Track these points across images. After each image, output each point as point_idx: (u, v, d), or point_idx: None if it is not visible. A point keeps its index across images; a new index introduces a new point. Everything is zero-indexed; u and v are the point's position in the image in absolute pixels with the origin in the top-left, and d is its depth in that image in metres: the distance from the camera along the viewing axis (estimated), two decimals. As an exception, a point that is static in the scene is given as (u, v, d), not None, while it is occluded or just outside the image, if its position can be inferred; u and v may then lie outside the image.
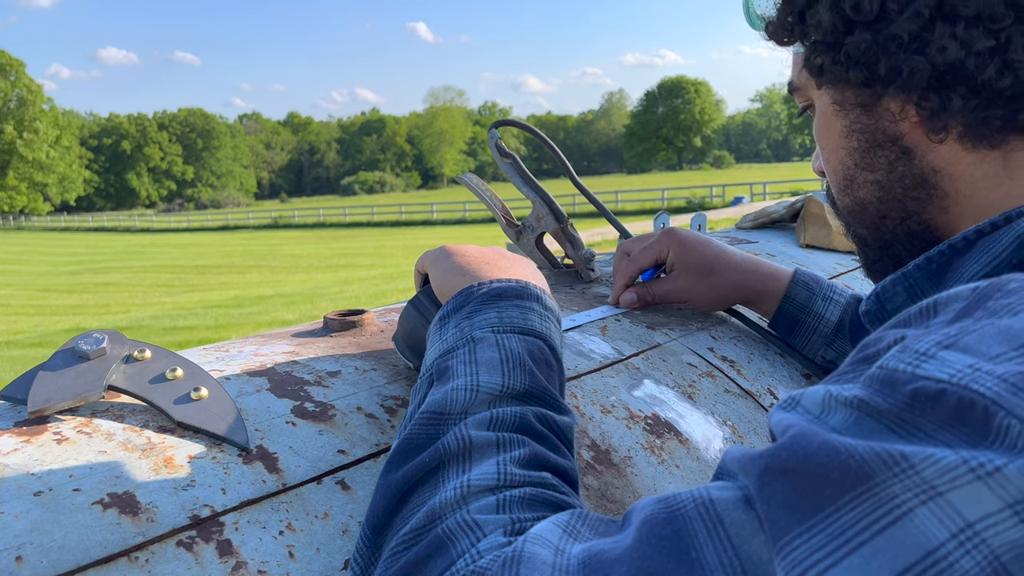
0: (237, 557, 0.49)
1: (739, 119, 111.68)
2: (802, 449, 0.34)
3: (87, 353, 0.59)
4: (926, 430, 0.33)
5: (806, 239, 1.47)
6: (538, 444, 0.52)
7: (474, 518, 0.45)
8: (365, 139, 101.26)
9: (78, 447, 0.53)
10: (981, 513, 0.30)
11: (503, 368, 0.56)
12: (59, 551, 0.45)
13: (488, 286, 0.63)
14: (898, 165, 0.60)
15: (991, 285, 0.38)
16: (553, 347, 0.60)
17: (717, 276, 0.93)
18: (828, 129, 0.65)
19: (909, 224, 0.62)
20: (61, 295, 14.88)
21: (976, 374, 0.33)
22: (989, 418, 0.31)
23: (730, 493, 0.37)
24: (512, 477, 0.49)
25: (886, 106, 0.58)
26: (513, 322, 0.60)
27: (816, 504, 0.32)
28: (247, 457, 0.56)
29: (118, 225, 47.77)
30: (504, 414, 0.53)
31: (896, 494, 0.31)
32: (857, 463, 0.32)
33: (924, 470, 0.31)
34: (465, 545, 0.44)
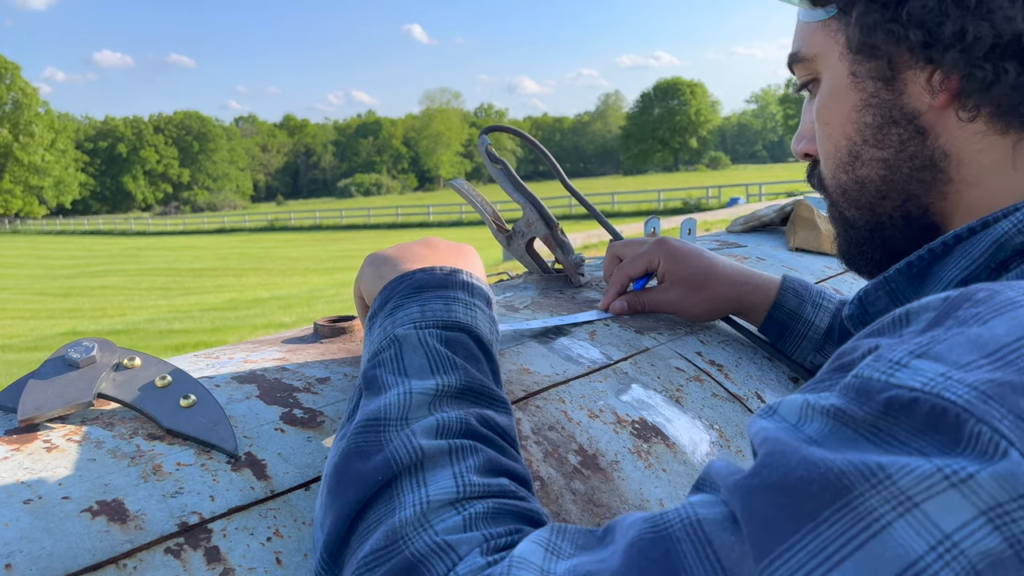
0: (225, 564, 0.50)
1: (734, 120, 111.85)
2: (781, 466, 0.35)
3: (77, 361, 0.60)
4: (900, 438, 0.34)
5: (796, 242, 1.48)
6: (488, 448, 0.52)
7: (445, 539, 0.45)
8: (361, 141, 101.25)
9: (68, 455, 0.54)
10: (957, 523, 0.30)
11: (431, 368, 0.55)
12: (48, 559, 0.45)
13: (410, 278, 0.63)
14: (910, 145, 0.59)
15: (960, 295, 0.39)
16: (480, 338, 0.60)
17: (708, 289, 0.93)
18: (838, 103, 0.63)
19: (908, 207, 0.62)
20: (57, 299, 14.86)
21: (948, 382, 0.34)
22: (960, 425, 0.32)
23: (715, 511, 0.37)
24: (471, 488, 0.48)
25: (914, 79, 0.57)
26: (436, 316, 0.59)
27: (796, 521, 0.33)
28: (236, 464, 0.57)
29: (114, 228, 47.69)
30: (449, 420, 0.52)
31: (874, 507, 0.32)
32: (835, 476, 0.33)
33: (900, 480, 0.32)
34: (441, 570, 0.43)
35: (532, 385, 0.77)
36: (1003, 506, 0.30)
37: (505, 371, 0.78)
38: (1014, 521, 0.30)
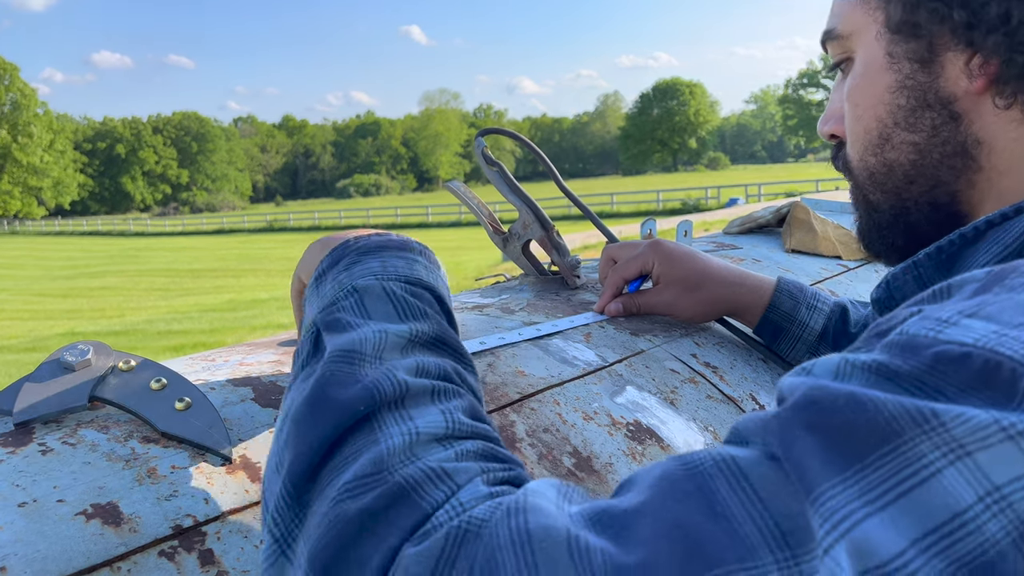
0: (219, 566, 0.50)
1: (734, 121, 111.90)
2: (828, 404, 0.33)
3: (72, 364, 0.60)
4: (947, 393, 0.33)
5: (792, 244, 1.48)
6: (469, 396, 0.49)
7: (442, 466, 0.41)
8: (360, 142, 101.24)
9: (62, 458, 0.54)
10: (1009, 476, 0.29)
11: (399, 315, 0.51)
12: (43, 561, 0.46)
13: (366, 240, 0.59)
14: (942, 130, 0.59)
15: (1005, 267, 0.39)
16: (443, 300, 0.56)
17: (703, 291, 0.94)
18: (871, 83, 0.62)
19: (936, 193, 0.61)
20: (56, 299, 14.85)
21: (1002, 338, 0.33)
22: (1016, 380, 0.31)
23: (750, 452, 0.35)
24: (460, 427, 0.45)
25: (952, 62, 0.57)
26: (398, 271, 0.55)
27: (846, 459, 0.32)
28: (230, 467, 0.57)
29: (113, 229, 47.66)
30: (428, 364, 0.48)
31: (924, 453, 0.31)
32: (885, 420, 0.32)
33: (954, 428, 0.31)
34: (438, 497, 0.40)
35: (527, 387, 0.77)
36: None
37: (499, 373, 0.78)
38: None
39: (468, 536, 0.36)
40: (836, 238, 1.52)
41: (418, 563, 0.36)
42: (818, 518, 0.31)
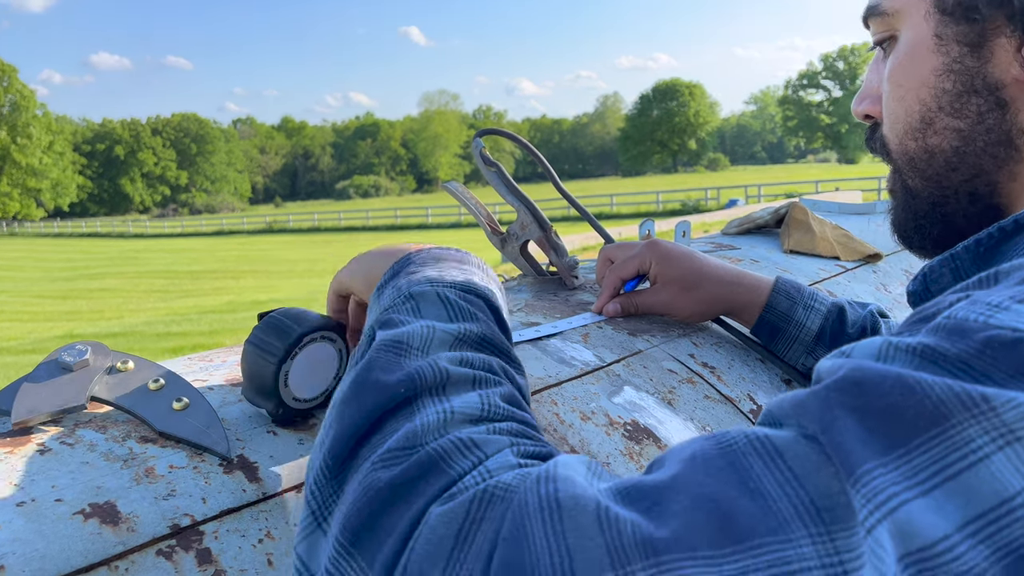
0: (216, 565, 0.50)
1: (733, 121, 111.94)
2: (874, 386, 0.33)
3: (70, 365, 0.60)
4: (995, 378, 0.32)
5: (790, 245, 1.48)
6: (511, 387, 0.49)
7: (471, 437, 0.41)
8: (360, 143, 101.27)
9: (61, 458, 0.54)
10: None
11: (450, 317, 0.52)
12: (41, 560, 0.46)
13: (426, 251, 0.60)
14: (988, 117, 0.57)
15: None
16: (497, 308, 0.56)
17: (700, 290, 0.94)
18: (916, 65, 0.60)
19: (976, 183, 0.59)
20: (55, 301, 14.85)
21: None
22: None
23: (785, 432, 0.34)
24: (496, 410, 0.45)
25: (1009, 46, 0.55)
26: (454, 279, 0.56)
27: (891, 442, 0.31)
28: (228, 466, 0.57)
29: (112, 231, 47.67)
30: (472, 357, 0.49)
31: (972, 437, 0.30)
32: (933, 403, 0.31)
33: (1005, 413, 0.30)
34: (466, 465, 0.40)
35: (524, 387, 0.77)
36: None
37: (498, 373, 0.78)
38: None
39: (495, 499, 0.36)
40: (834, 239, 1.52)
41: (444, 523, 0.36)
42: (860, 498, 0.31)
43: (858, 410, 0.32)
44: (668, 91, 79.77)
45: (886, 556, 0.29)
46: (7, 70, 63.20)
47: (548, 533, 0.33)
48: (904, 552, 0.29)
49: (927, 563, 0.29)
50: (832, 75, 69.30)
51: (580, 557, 0.31)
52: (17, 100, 62.90)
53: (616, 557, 0.31)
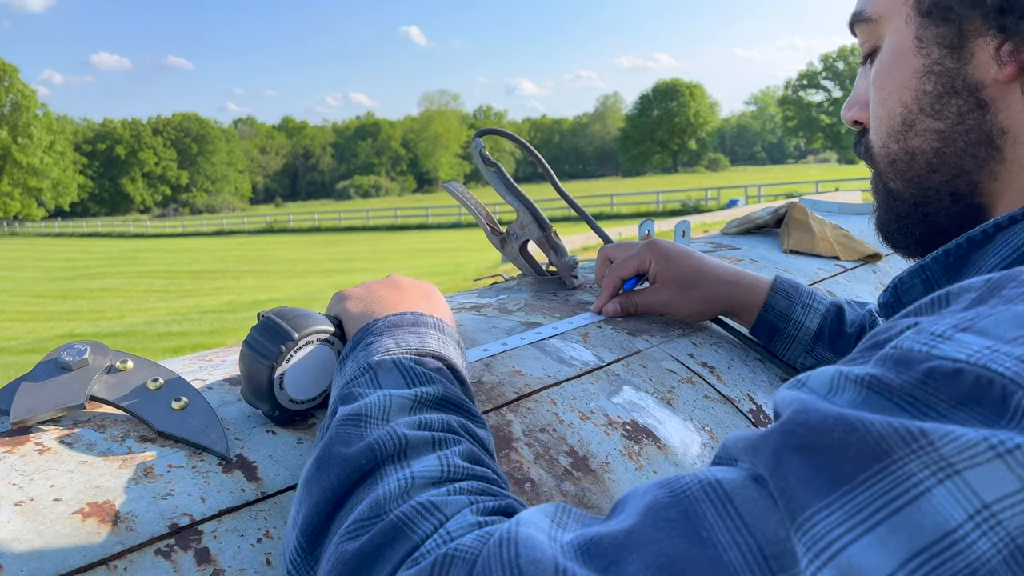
0: (215, 565, 0.50)
1: (733, 122, 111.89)
2: (817, 425, 0.33)
3: (69, 364, 0.60)
4: (938, 409, 0.32)
5: (789, 244, 1.48)
6: (471, 444, 0.51)
7: (431, 500, 0.43)
8: (360, 143, 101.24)
9: (59, 457, 0.54)
10: (999, 494, 0.29)
11: (407, 383, 0.54)
12: (39, 560, 0.46)
13: (383, 321, 0.63)
14: (968, 117, 0.57)
15: (1004, 276, 0.39)
16: (453, 367, 0.59)
17: (699, 288, 0.94)
18: (898, 68, 0.61)
19: (957, 183, 0.60)
20: (55, 301, 14.85)
21: (995, 355, 0.33)
22: (1007, 397, 0.31)
23: (736, 474, 0.36)
24: (456, 470, 0.47)
25: (988, 47, 0.55)
26: (410, 345, 0.59)
27: (834, 481, 0.32)
28: (227, 466, 0.57)
29: (112, 230, 47.67)
30: (431, 419, 0.51)
31: (914, 472, 0.31)
32: (874, 439, 0.32)
33: (943, 447, 0.31)
34: (427, 528, 0.42)
35: (524, 387, 0.77)
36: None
37: (496, 373, 0.78)
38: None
39: (456, 561, 0.38)
40: (834, 239, 1.52)
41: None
42: (802, 546, 0.31)
43: (803, 450, 0.33)
44: (668, 91, 79.74)
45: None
46: (8, 70, 63.22)
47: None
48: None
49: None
50: (832, 75, 69.26)
51: None
52: (18, 100, 62.91)
53: None
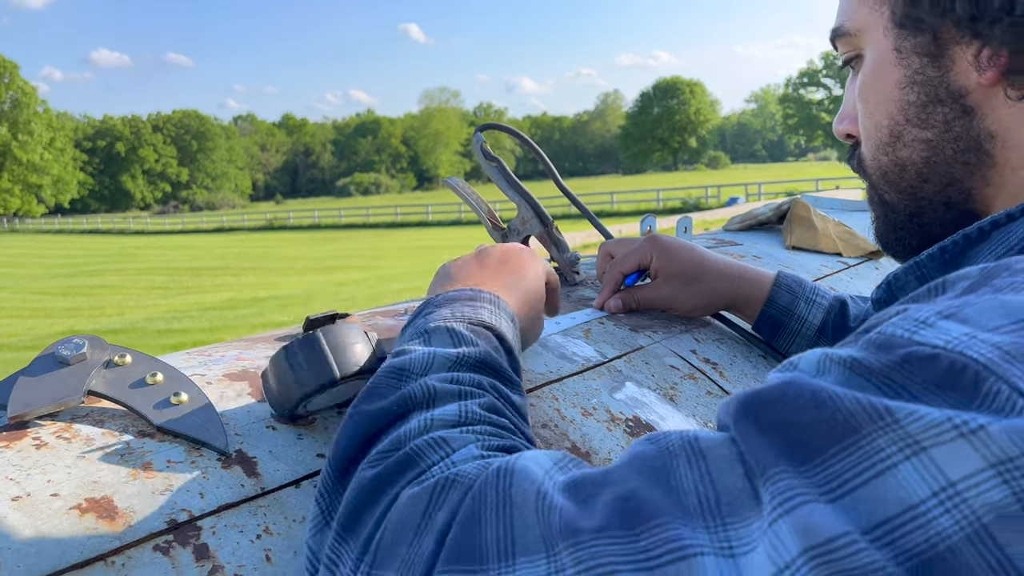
0: (214, 561, 0.50)
1: (734, 120, 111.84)
2: (795, 398, 0.35)
3: (67, 358, 0.60)
4: (912, 391, 0.33)
5: (792, 241, 1.48)
6: (497, 400, 0.53)
7: (440, 435, 0.47)
8: (360, 140, 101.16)
9: (57, 452, 0.53)
10: (963, 473, 0.30)
11: (453, 343, 0.57)
12: (36, 556, 0.45)
13: (443, 296, 0.64)
14: (955, 125, 0.57)
15: (999, 265, 0.39)
16: (502, 336, 0.60)
17: (701, 283, 0.93)
18: (881, 80, 0.60)
19: (950, 192, 0.59)
20: (55, 298, 14.84)
21: (972, 341, 0.33)
22: (979, 383, 0.32)
23: (717, 436, 0.38)
24: (473, 416, 0.50)
25: (961, 55, 0.55)
26: (464, 315, 0.60)
27: (807, 453, 0.33)
28: (226, 461, 0.57)
29: (112, 227, 47.59)
30: (464, 377, 0.54)
31: (882, 447, 0.32)
32: (844, 416, 0.33)
33: (908, 425, 0.31)
34: (435, 458, 0.46)
35: (526, 383, 0.76)
36: (1014, 460, 0.30)
37: (498, 369, 0.78)
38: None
39: (456, 485, 0.42)
40: (837, 235, 1.51)
41: (411, 504, 0.43)
42: (768, 495, 0.33)
43: (778, 424, 0.35)
44: (669, 89, 79.69)
45: (784, 550, 0.31)
46: (8, 67, 63.19)
47: (498, 522, 0.39)
48: (806, 547, 0.31)
49: (826, 557, 0.30)
50: (833, 73, 69.16)
51: (520, 542, 0.37)
52: (19, 97, 62.88)
53: (547, 541, 0.37)
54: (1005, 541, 0.29)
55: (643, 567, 0.34)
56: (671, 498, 0.36)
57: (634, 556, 0.35)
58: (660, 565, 0.34)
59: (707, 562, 0.33)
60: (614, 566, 0.34)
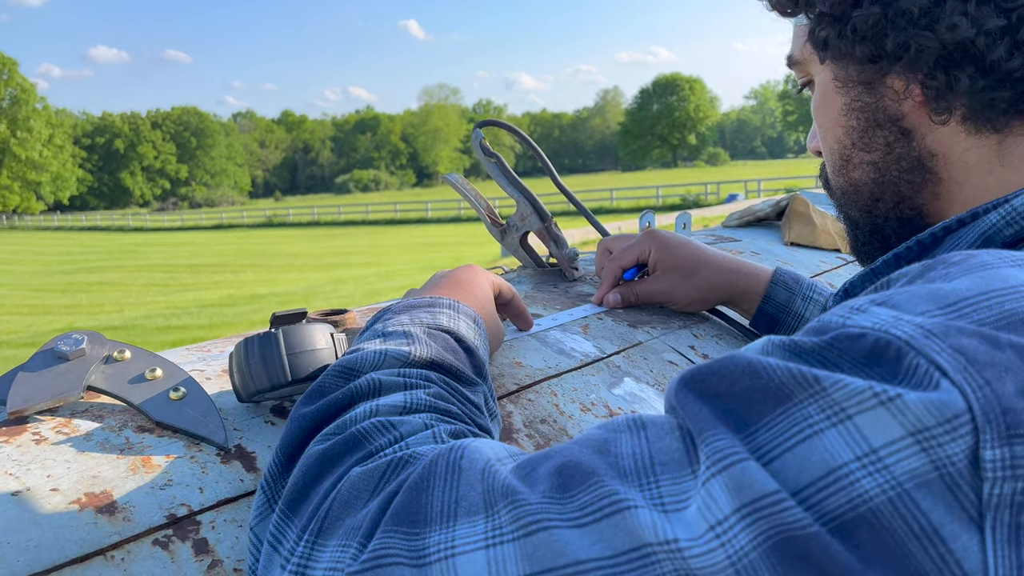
0: (213, 555, 0.50)
1: (733, 116, 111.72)
2: (729, 371, 0.37)
3: (66, 354, 0.60)
4: (842, 367, 0.35)
5: (791, 237, 1.48)
6: (443, 390, 0.54)
7: (389, 420, 0.48)
8: (359, 137, 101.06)
9: (57, 447, 0.54)
10: (885, 440, 0.32)
11: (407, 342, 0.57)
12: (36, 550, 0.46)
13: (404, 301, 0.66)
14: (896, 147, 0.59)
15: (938, 259, 0.41)
16: (461, 338, 0.62)
17: (699, 277, 0.94)
18: (827, 107, 0.63)
19: (902, 208, 0.61)
20: (55, 295, 14.83)
21: (898, 322, 0.35)
22: (901, 358, 0.34)
23: (661, 414, 0.40)
24: (419, 402, 0.51)
25: (889, 84, 0.57)
26: (422, 320, 0.62)
27: (741, 419, 0.35)
28: (225, 456, 0.57)
29: (112, 224, 47.56)
30: (411, 372, 0.54)
31: (810, 414, 0.34)
32: (776, 385, 0.35)
33: (834, 392, 0.33)
34: (382, 441, 0.47)
35: (524, 378, 0.77)
36: (930, 430, 0.31)
37: (497, 364, 0.78)
38: (940, 446, 0.31)
39: (410, 462, 0.44)
40: (835, 231, 1.52)
41: (363, 479, 0.44)
42: (703, 455, 0.35)
43: (716, 393, 0.37)
44: (668, 85, 79.63)
45: (717, 508, 0.33)
46: (7, 63, 63.09)
47: (445, 489, 0.41)
48: (739, 504, 0.33)
49: (758, 514, 0.32)
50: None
51: (463, 505, 0.39)
52: (18, 94, 62.78)
53: (488, 502, 0.39)
54: (928, 508, 0.31)
55: (578, 523, 0.36)
56: (607, 461, 0.38)
57: (570, 514, 0.36)
58: (595, 520, 0.35)
59: (641, 514, 0.35)
60: (550, 522, 0.36)
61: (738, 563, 0.32)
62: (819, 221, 1.51)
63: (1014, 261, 0.39)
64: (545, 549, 0.36)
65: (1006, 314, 0.35)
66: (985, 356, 0.33)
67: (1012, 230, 0.50)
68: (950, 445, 0.31)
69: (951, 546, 0.31)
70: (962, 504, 0.31)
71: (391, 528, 0.40)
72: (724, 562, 0.32)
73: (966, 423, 0.31)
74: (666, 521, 0.34)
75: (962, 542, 0.31)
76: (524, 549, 0.36)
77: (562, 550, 0.35)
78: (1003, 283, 0.37)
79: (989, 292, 0.36)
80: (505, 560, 0.36)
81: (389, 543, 0.39)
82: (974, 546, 0.31)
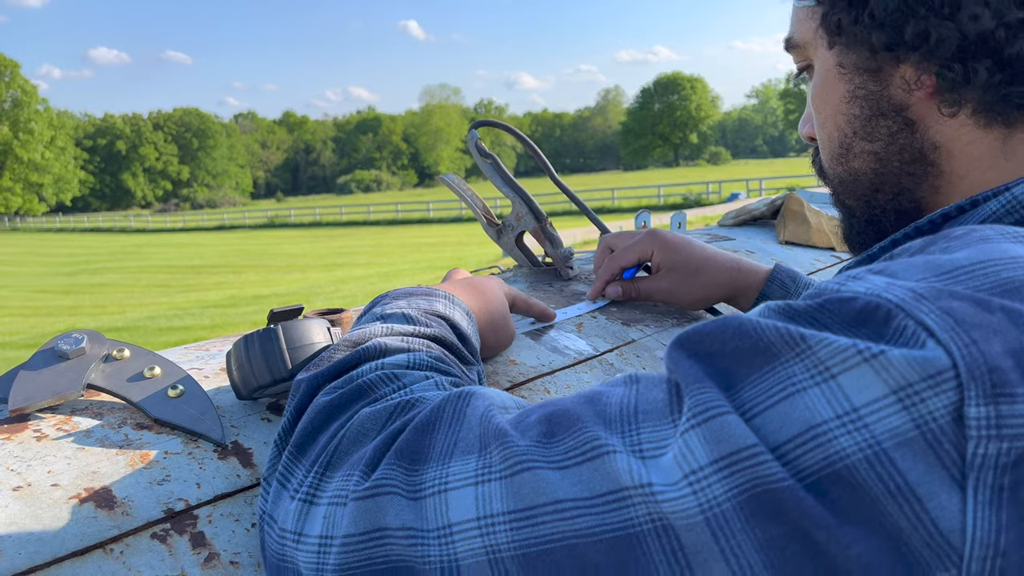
0: (210, 548, 0.51)
1: (735, 115, 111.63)
2: (721, 331, 0.38)
3: (66, 353, 0.61)
4: (831, 328, 0.36)
5: (785, 236, 1.49)
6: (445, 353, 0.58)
7: (394, 372, 0.52)
8: (361, 137, 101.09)
9: (57, 444, 0.55)
10: (867, 399, 0.32)
11: (408, 323, 0.60)
12: (37, 544, 0.47)
13: (401, 290, 0.68)
14: (899, 137, 0.58)
15: (941, 234, 0.42)
16: (455, 324, 0.64)
17: (702, 275, 0.94)
18: (828, 93, 0.61)
19: (901, 201, 0.60)
20: (57, 296, 14.86)
21: (890, 287, 0.36)
22: (889, 319, 0.34)
23: (655, 374, 0.42)
24: (421, 362, 0.55)
25: (899, 73, 0.56)
26: (419, 305, 0.64)
27: (729, 376, 0.36)
28: (222, 452, 0.58)
29: (114, 225, 47.61)
30: (415, 342, 0.58)
31: (795, 373, 0.34)
32: (765, 343, 0.36)
33: (819, 351, 0.34)
34: (387, 389, 0.50)
35: (518, 376, 0.78)
36: (913, 386, 0.32)
37: (491, 361, 0.79)
38: (923, 402, 0.31)
39: (417, 404, 0.47)
40: (830, 230, 1.52)
41: (371, 418, 0.47)
42: (687, 406, 0.36)
43: (707, 352, 0.38)
44: (669, 84, 79.56)
45: (693, 458, 0.34)
46: (9, 65, 63.16)
47: (448, 432, 0.44)
48: (716, 456, 0.34)
49: (734, 467, 0.33)
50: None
51: (460, 446, 0.43)
52: (19, 95, 62.84)
53: (482, 442, 0.42)
54: (905, 467, 0.31)
55: (560, 466, 0.38)
56: (595, 410, 0.40)
57: (554, 457, 0.39)
58: (576, 463, 0.38)
59: (619, 459, 0.37)
60: (535, 464, 0.39)
61: (709, 511, 0.33)
62: (814, 220, 1.52)
63: (1015, 236, 0.40)
64: (529, 488, 0.38)
65: (1002, 281, 0.35)
66: (974, 317, 0.33)
67: (1012, 218, 0.50)
68: (933, 400, 0.31)
69: (927, 505, 0.31)
70: (943, 463, 0.31)
71: (394, 462, 0.43)
72: (694, 509, 0.33)
73: (950, 379, 0.31)
74: (642, 466, 0.36)
75: (939, 501, 0.31)
76: (510, 487, 0.39)
77: (544, 489, 0.38)
78: (1002, 254, 0.37)
79: (987, 261, 0.37)
80: (491, 496, 0.39)
81: (391, 474, 0.43)
82: (953, 506, 0.31)
